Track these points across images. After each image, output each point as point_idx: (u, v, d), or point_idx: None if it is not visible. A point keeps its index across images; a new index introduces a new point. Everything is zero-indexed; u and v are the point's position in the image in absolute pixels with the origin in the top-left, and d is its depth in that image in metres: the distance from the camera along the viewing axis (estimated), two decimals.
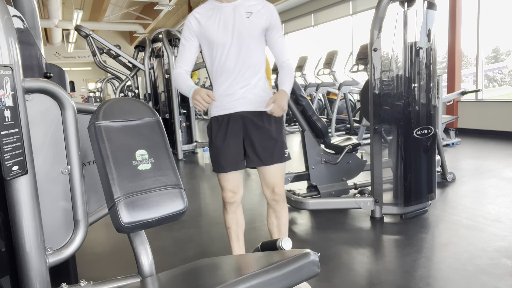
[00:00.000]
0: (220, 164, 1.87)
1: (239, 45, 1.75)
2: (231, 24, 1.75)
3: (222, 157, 1.85)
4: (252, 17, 1.76)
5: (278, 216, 1.96)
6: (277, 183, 1.90)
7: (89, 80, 22.10)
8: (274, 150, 1.84)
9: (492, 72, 8.03)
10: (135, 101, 1.34)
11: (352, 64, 7.04)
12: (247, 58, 1.77)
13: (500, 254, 2.22)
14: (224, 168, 1.86)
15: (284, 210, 1.97)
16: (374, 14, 2.67)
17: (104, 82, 13.29)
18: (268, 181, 1.90)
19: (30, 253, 1.12)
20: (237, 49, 1.76)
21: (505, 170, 4.14)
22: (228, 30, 1.75)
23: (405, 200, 2.80)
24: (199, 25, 1.78)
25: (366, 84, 3.04)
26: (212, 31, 1.76)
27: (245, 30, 1.75)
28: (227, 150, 1.83)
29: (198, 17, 1.78)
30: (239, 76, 1.78)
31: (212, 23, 1.76)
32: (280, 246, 1.20)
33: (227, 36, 1.75)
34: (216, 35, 1.75)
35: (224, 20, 1.75)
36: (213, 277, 1.10)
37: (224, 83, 1.80)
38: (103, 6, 12.96)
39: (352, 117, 7.18)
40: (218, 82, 1.82)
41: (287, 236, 1.96)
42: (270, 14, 1.80)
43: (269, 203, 1.96)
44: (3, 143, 1.01)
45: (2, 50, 1.02)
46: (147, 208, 1.16)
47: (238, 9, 1.76)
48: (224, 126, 1.83)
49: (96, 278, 1.34)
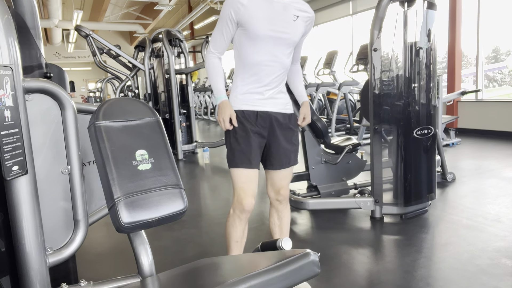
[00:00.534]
0: (248, 158, 1.72)
1: (279, 45, 1.70)
2: (279, 22, 1.67)
3: (250, 150, 1.72)
4: (298, 21, 1.72)
5: (281, 216, 1.94)
6: (284, 186, 1.88)
7: (89, 80, 22.11)
8: (291, 155, 1.83)
9: (492, 72, 8.03)
10: (135, 101, 1.34)
11: (352, 64, 7.03)
12: (282, 60, 1.73)
13: (500, 254, 2.22)
14: (251, 163, 1.73)
15: (286, 210, 1.95)
16: (374, 14, 2.67)
17: (104, 82, 13.29)
18: (277, 184, 1.87)
19: (30, 253, 1.12)
20: (276, 49, 1.70)
21: (505, 170, 4.14)
22: (274, 27, 1.66)
23: (405, 200, 2.80)
24: (245, 11, 1.64)
25: (366, 84, 3.04)
26: (257, 23, 1.64)
27: (289, 32, 1.70)
28: (253, 144, 1.73)
29: (245, 2, 1.64)
30: (271, 76, 1.73)
31: (259, 14, 1.65)
32: (280, 246, 1.20)
33: (272, 33, 1.66)
34: (260, 29, 1.65)
35: (272, 15, 1.66)
36: (213, 277, 1.11)
37: (254, 79, 1.73)
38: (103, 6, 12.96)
39: (352, 117, 7.18)
40: (247, 76, 1.73)
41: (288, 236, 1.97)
42: (311, 22, 1.79)
43: (271, 202, 1.94)
44: (3, 143, 1.01)
45: (2, 50, 1.02)
46: (147, 208, 1.16)
47: (288, 9, 1.70)
48: (251, 121, 1.73)
49: (96, 278, 1.34)
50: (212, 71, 1.75)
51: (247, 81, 1.73)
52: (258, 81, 1.72)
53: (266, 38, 1.66)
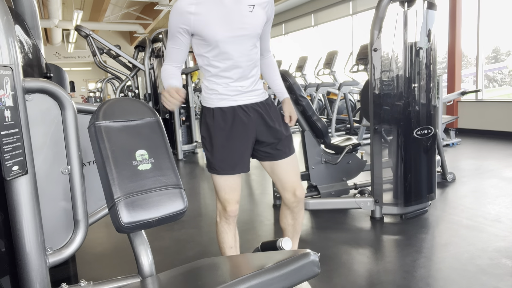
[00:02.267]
0: (227, 164, 1.64)
1: (241, 43, 1.58)
2: (235, 19, 1.55)
3: (230, 154, 1.64)
4: (255, 10, 1.59)
5: (296, 217, 1.84)
6: (297, 185, 1.76)
7: (89, 80, 22.11)
8: (288, 142, 1.73)
9: (492, 72, 8.03)
10: (135, 101, 1.34)
11: (352, 64, 7.03)
12: (249, 54, 1.62)
13: (500, 254, 2.22)
14: (232, 169, 1.65)
15: (302, 210, 1.85)
16: (374, 14, 2.67)
17: (104, 82, 13.29)
18: (287, 183, 1.74)
19: (30, 253, 1.12)
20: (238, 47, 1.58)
21: (505, 170, 4.14)
22: (231, 26, 1.54)
23: (405, 200, 2.80)
24: (196, 19, 1.52)
25: (366, 84, 3.04)
26: (213, 28, 1.52)
27: (248, 27, 1.57)
28: (236, 146, 1.64)
29: (194, 9, 1.51)
30: (245, 71, 1.63)
31: (212, 18, 1.52)
32: (280, 246, 1.20)
33: (230, 33, 1.54)
34: (217, 33, 1.53)
35: (226, 15, 1.54)
36: (213, 277, 1.10)
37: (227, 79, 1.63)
38: (103, 6, 12.96)
39: (352, 117, 7.18)
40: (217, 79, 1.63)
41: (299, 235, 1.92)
42: (271, 5, 1.65)
43: (288, 205, 1.80)
44: (3, 143, 1.01)
45: (2, 50, 1.02)
46: (147, 208, 1.16)
47: (241, 2, 1.56)
48: (231, 118, 1.63)
49: (96, 278, 1.34)
50: (165, 75, 1.62)
51: (220, 81, 1.63)
52: (231, 78, 1.62)
53: (226, 40, 1.55)
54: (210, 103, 1.67)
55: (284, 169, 1.74)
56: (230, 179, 1.68)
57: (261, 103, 1.70)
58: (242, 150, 1.67)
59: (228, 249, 1.76)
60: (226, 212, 1.70)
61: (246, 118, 1.65)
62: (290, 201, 1.78)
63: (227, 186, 1.68)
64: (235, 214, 1.72)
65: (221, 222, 1.75)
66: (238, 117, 1.64)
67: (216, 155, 1.65)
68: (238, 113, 1.64)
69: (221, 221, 1.75)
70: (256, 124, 1.67)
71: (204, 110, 1.70)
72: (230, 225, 1.75)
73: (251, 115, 1.66)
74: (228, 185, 1.68)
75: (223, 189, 1.69)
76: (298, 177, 1.79)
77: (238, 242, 1.81)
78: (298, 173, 1.79)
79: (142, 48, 6.33)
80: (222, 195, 1.70)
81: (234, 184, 1.70)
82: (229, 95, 1.63)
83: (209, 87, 1.65)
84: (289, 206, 1.81)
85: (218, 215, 1.76)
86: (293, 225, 1.86)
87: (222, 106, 1.64)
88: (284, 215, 1.86)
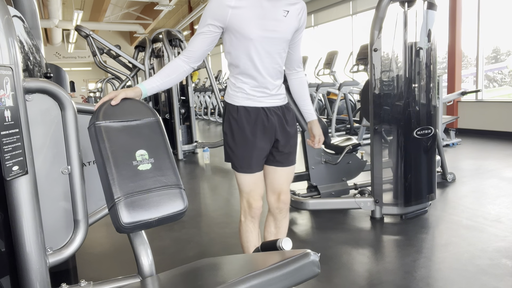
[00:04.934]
0: (247, 163, 1.66)
1: (272, 44, 1.60)
2: (270, 21, 1.57)
3: (249, 154, 1.66)
4: (289, 16, 1.61)
5: (279, 225, 1.81)
6: (284, 189, 1.77)
7: (89, 80, 22.12)
8: (294, 151, 1.76)
9: (492, 72, 8.02)
10: (135, 101, 1.34)
11: (352, 64, 7.03)
12: (277, 58, 1.64)
13: (500, 254, 2.22)
14: (250, 168, 1.67)
15: (286, 220, 1.82)
16: (374, 14, 2.67)
17: (104, 82, 13.30)
18: (276, 185, 1.76)
19: (30, 253, 1.12)
20: (268, 49, 1.60)
21: (505, 170, 4.14)
22: (266, 27, 1.57)
23: (405, 200, 2.80)
24: (233, 13, 1.53)
25: (366, 84, 3.04)
26: (248, 25, 1.54)
27: (280, 31, 1.60)
28: (256, 147, 1.66)
29: (233, 3, 1.52)
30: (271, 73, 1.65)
31: (249, 15, 1.54)
32: (280, 247, 1.20)
33: (263, 33, 1.56)
34: (251, 31, 1.54)
35: (262, 15, 1.56)
36: (213, 277, 1.10)
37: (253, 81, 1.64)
38: (103, 6, 12.97)
39: (352, 117, 7.18)
40: (245, 78, 1.65)
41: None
42: (303, 12, 1.67)
43: (271, 210, 1.81)
44: (3, 143, 1.01)
45: (2, 50, 1.02)
46: (147, 208, 1.16)
47: (277, 6, 1.58)
48: (254, 118, 1.65)
49: (96, 278, 1.34)
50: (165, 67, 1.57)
51: (246, 81, 1.64)
52: (257, 81, 1.64)
53: (258, 39, 1.57)
54: (235, 101, 1.68)
55: (280, 175, 1.76)
56: (252, 174, 1.69)
57: (281, 107, 1.73)
58: (261, 153, 1.68)
59: (252, 248, 1.74)
60: (251, 210, 1.70)
61: (267, 120, 1.67)
62: (274, 206, 1.78)
63: (251, 181, 1.69)
64: (260, 211, 1.72)
65: (246, 221, 1.74)
66: (260, 118, 1.66)
67: (237, 152, 1.67)
68: (261, 115, 1.66)
69: (246, 220, 1.74)
70: (276, 127, 1.69)
71: (228, 107, 1.70)
72: (255, 224, 1.75)
73: (272, 118, 1.68)
74: (252, 180, 1.69)
75: (247, 184, 1.70)
76: (289, 186, 1.81)
77: (260, 241, 1.78)
78: (289, 182, 1.82)
79: (142, 48, 6.33)
80: (246, 190, 1.70)
81: (257, 180, 1.71)
82: (255, 95, 1.65)
83: (236, 85, 1.66)
84: (273, 212, 1.80)
85: (242, 214, 1.75)
86: (275, 234, 1.82)
87: (247, 106, 1.66)
88: (268, 223, 1.85)
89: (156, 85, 1.52)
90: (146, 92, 1.47)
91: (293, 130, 1.75)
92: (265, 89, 1.66)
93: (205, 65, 5.69)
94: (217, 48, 16.85)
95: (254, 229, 1.75)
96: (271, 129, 1.68)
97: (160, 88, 1.54)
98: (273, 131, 1.68)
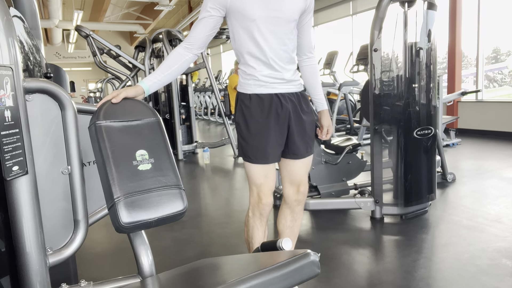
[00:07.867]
0: (262, 153, 1.57)
1: (277, 25, 1.53)
2: (274, 1, 1.51)
3: (264, 144, 1.58)
4: None
5: (295, 218, 1.77)
6: (304, 180, 1.70)
7: (89, 80, 22.12)
8: (310, 142, 1.69)
9: (492, 73, 8.02)
10: (136, 102, 1.34)
11: (352, 64, 7.03)
12: (286, 40, 1.57)
13: (500, 254, 2.22)
14: (266, 159, 1.58)
15: (302, 212, 1.79)
16: (375, 15, 2.67)
17: (104, 83, 13.30)
18: (295, 177, 1.69)
19: (30, 253, 1.12)
20: (276, 30, 1.54)
21: (505, 170, 4.14)
22: (269, 6, 1.50)
23: (405, 200, 2.80)
24: None
25: (366, 84, 3.04)
26: (250, 4, 1.48)
27: (285, 10, 1.53)
28: (271, 136, 1.58)
29: None
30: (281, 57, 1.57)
31: None
32: (280, 247, 1.20)
33: (267, 13, 1.50)
34: (255, 11, 1.48)
35: None
36: (213, 278, 1.10)
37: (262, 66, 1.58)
38: (103, 6, 12.97)
39: (352, 117, 7.18)
40: (254, 64, 1.58)
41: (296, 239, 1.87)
42: None
43: (288, 203, 1.75)
44: (3, 143, 1.01)
45: (2, 50, 1.02)
46: (147, 209, 1.16)
47: None
48: (268, 106, 1.58)
49: (96, 278, 1.34)
50: (161, 64, 1.51)
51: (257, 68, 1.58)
52: (268, 67, 1.58)
53: (262, 19, 1.51)
54: (247, 89, 1.62)
55: (298, 167, 1.70)
56: (265, 166, 1.62)
57: (296, 94, 1.66)
58: (277, 141, 1.61)
59: (257, 245, 1.68)
60: (261, 205, 1.65)
61: (281, 107, 1.60)
62: (293, 198, 1.73)
63: (262, 174, 1.63)
64: (270, 209, 1.67)
65: (253, 217, 1.69)
66: (275, 105, 1.59)
67: (251, 143, 1.60)
68: (275, 101, 1.59)
69: (254, 216, 1.69)
70: (289, 113, 1.62)
71: (240, 96, 1.64)
72: (263, 221, 1.69)
73: (287, 104, 1.61)
74: (263, 173, 1.63)
75: (258, 176, 1.63)
76: (307, 175, 1.76)
77: (266, 239, 1.74)
78: (308, 172, 1.76)
79: (142, 48, 6.33)
80: (257, 183, 1.63)
81: (269, 173, 1.64)
82: (268, 82, 1.59)
83: (247, 72, 1.61)
84: (290, 204, 1.75)
85: (250, 209, 1.69)
86: (291, 227, 1.78)
87: (260, 93, 1.59)
88: (283, 216, 1.79)
89: (158, 80, 1.47)
90: (148, 89, 1.43)
91: (309, 119, 1.67)
92: (276, 73, 1.58)
93: (205, 65, 5.69)
94: (217, 48, 16.85)
95: (261, 226, 1.70)
96: (284, 116, 1.61)
97: (163, 82, 1.49)
98: (286, 118, 1.61)
